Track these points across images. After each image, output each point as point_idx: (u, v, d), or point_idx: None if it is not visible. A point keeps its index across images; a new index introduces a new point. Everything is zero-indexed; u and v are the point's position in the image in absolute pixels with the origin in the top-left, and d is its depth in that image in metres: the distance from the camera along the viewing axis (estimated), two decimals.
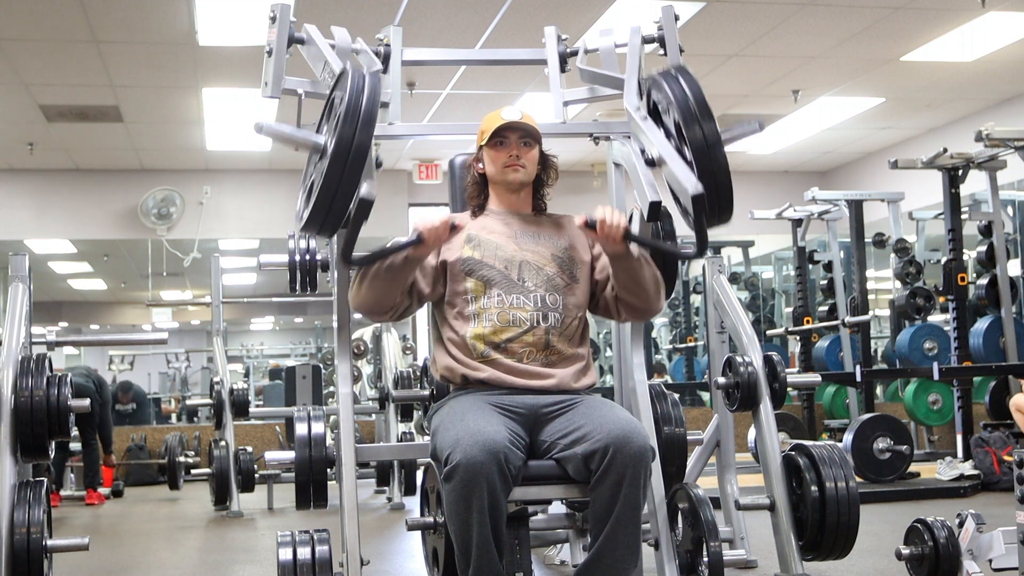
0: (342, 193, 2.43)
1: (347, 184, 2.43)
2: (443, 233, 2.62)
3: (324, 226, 2.52)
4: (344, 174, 2.41)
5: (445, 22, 6.57)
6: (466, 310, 2.73)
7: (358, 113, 2.42)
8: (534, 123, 2.83)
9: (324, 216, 2.48)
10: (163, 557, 5.11)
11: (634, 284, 2.74)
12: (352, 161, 2.41)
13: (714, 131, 2.53)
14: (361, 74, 2.50)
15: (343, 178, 2.42)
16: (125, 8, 6.32)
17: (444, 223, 2.61)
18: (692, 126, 2.53)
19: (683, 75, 2.64)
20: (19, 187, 10.17)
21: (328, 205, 2.45)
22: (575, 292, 2.79)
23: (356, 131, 2.41)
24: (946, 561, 3.18)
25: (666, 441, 3.24)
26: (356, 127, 2.41)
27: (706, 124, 2.53)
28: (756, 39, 7.13)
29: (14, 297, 3.31)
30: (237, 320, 17.43)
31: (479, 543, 2.40)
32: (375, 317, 2.76)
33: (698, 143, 2.52)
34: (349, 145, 2.40)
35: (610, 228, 2.60)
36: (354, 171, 2.42)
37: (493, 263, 2.75)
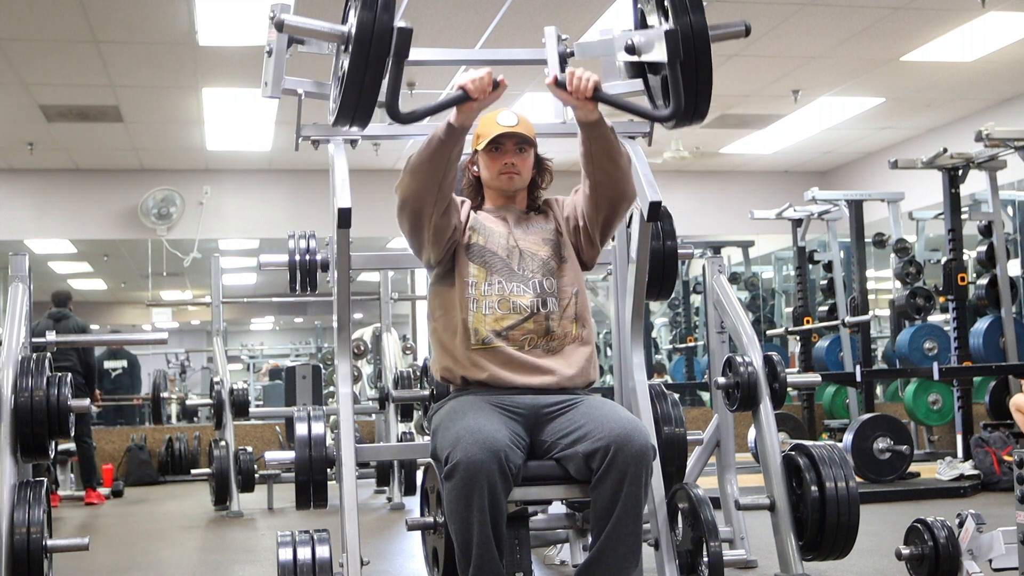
0: (370, 78, 2.39)
1: (374, 68, 2.38)
2: (487, 85, 2.56)
3: (357, 114, 2.47)
4: (369, 57, 2.37)
5: (445, 22, 6.57)
6: (467, 294, 2.74)
7: None
8: (530, 127, 2.83)
9: (355, 103, 2.44)
10: (163, 557, 5.11)
11: (608, 160, 2.67)
12: (376, 44, 2.37)
13: (702, 21, 2.47)
14: None
15: (369, 62, 2.37)
16: (125, 8, 6.32)
17: (488, 75, 2.57)
18: (681, 15, 2.48)
19: None
20: (19, 187, 10.17)
21: (358, 91, 2.41)
22: (566, 271, 2.80)
23: (377, 13, 2.37)
24: (946, 561, 3.18)
25: (666, 441, 3.24)
26: (376, 9, 2.37)
27: (695, 14, 2.47)
28: (756, 39, 7.13)
29: (14, 297, 3.31)
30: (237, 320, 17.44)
31: (479, 542, 2.41)
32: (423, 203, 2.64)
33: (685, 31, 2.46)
34: (371, 28, 2.36)
35: (579, 82, 2.56)
36: (379, 54, 2.37)
37: (496, 250, 2.77)
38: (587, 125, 2.63)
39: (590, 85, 2.55)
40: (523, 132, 2.78)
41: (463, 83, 2.55)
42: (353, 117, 2.49)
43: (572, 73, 2.55)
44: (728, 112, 8.90)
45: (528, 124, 2.82)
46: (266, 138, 9.30)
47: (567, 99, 2.60)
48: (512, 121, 2.78)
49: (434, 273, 2.84)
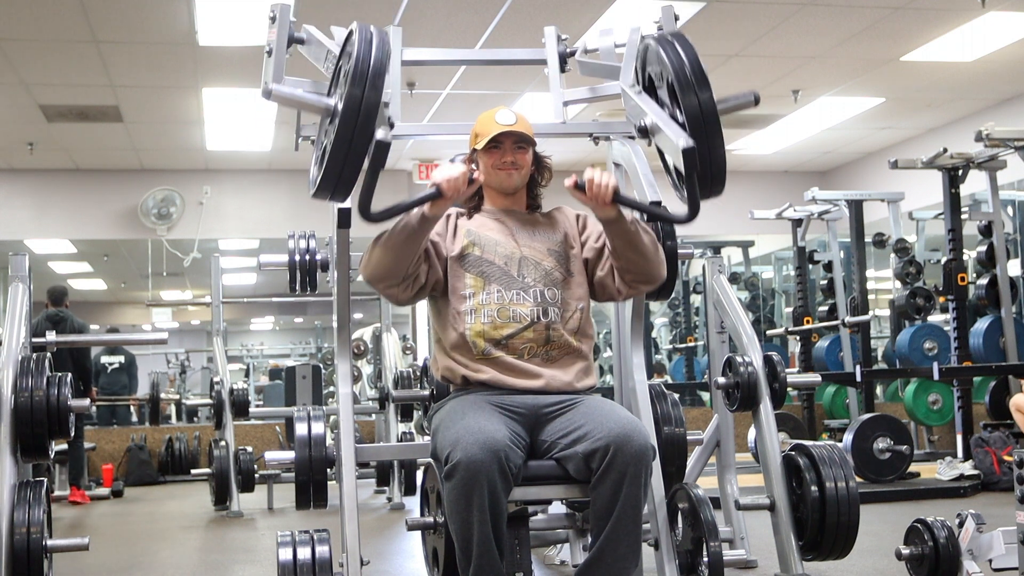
0: (354, 153, 2.38)
1: (358, 144, 2.37)
2: (461, 185, 2.58)
3: (337, 188, 2.46)
4: (355, 133, 2.36)
5: (445, 22, 6.57)
6: (464, 306, 2.73)
7: (367, 70, 2.36)
8: (528, 126, 2.82)
9: (336, 177, 2.42)
10: (163, 557, 5.11)
11: (631, 250, 2.69)
12: (362, 120, 2.35)
13: (710, 100, 2.49)
14: (369, 29, 2.45)
15: (354, 137, 2.36)
16: (125, 8, 6.32)
17: (463, 174, 2.58)
18: (688, 94, 2.50)
19: (679, 41, 2.62)
20: (19, 187, 10.17)
21: (340, 166, 2.40)
22: (572, 285, 2.79)
23: (365, 89, 2.35)
24: (946, 561, 3.18)
25: (666, 441, 3.24)
26: (365, 85, 2.35)
27: (702, 92, 2.49)
28: (756, 39, 7.13)
29: (14, 297, 3.31)
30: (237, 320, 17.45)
31: (480, 542, 2.40)
32: (386, 288, 2.68)
33: (693, 110, 2.48)
34: (359, 103, 2.34)
35: (598, 188, 2.58)
36: (365, 130, 2.36)
37: (493, 259, 2.76)
38: (607, 222, 2.67)
39: (609, 191, 2.58)
40: (521, 130, 2.78)
41: (437, 180, 2.57)
42: (333, 191, 2.48)
43: (591, 180, 2.58)
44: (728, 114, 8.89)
45: (526, 122, 2.82)
46: (266, 138, 9.30)
47: (586, 202, 2.63)
48: (510, 119, 2.77)
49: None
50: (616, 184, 2.59)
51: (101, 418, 10.45)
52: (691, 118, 2.48)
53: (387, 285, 2.68)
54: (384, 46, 2.40)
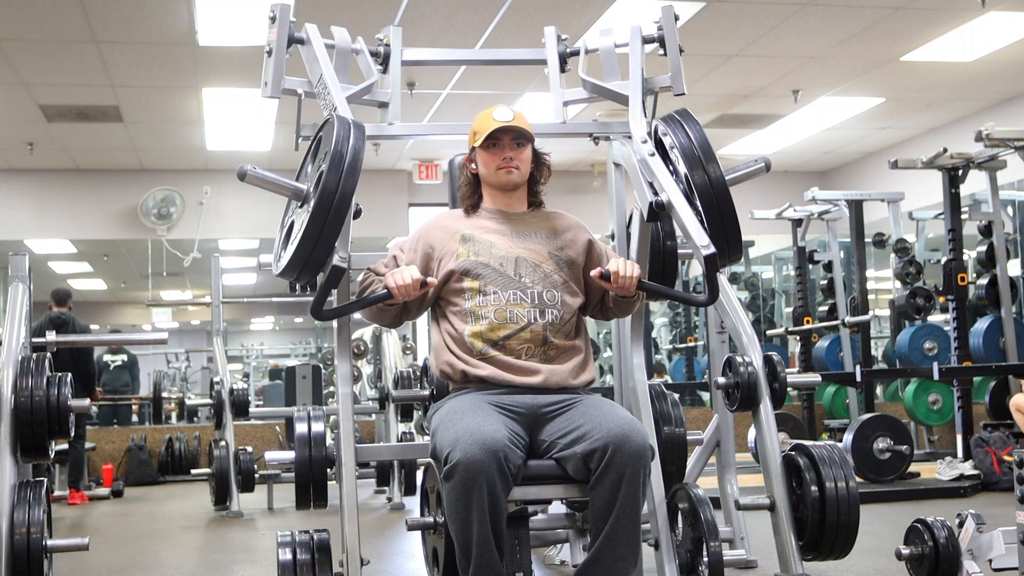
0: (322, 244, 2.47)
1: (327, 236, 2.46)
2: (412, 291, 2.65)
3: (302, 274, 2.57)
4: (325, 226, 2.45)
5: (445, 22, 6.57)
6: (463, 308, 2.73)
7: (342, 164, 2.45)
8: (526, 123, 2.83)
9: (303, 265, 2.52)
10: (163, 557, 5.11)
11: (620, 311, 2.90)
12: (334, 214, 2.44)
13: (719, 174, 2.56)
14: (346, 124, 2.54)
15: (324, 230, 2.45)
16: (125, 8, 6.32)
17: (415, 281, 2.65)
18: (697, 170, 2.56)
19: (686, 119, 2.68)
20: (19, 187, 10.17)
21: (308, 255, 2.49)
22: (571, 289, 2.80)
23: (340, 182, 2.44)
24: (946, 561, 3.18)
25: (666, 441, 3.24)
26: (340, 178, 2.44)
27: (711, 168, 2.56)
28: (756, 39, 7.13)
29: (14, 297, 3.31)
30: (237, 320, 17.43)
31: (479, 542, 2.40)
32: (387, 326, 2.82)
33: (704, 187, 2.56)
34: (332, 196, 2.43)
35: (624, 280, 2.67)
36: (335, 223, 2.45)
37: (488, 261, 2.76)
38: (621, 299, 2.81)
39: (634, 283, 2.69)
40: (520, 126, 2.78)
41: (389, 285, 2.65)
42: (299, 275, 2.57)
43: (616, 272, 2.66)
44: (728, 112, 8.90)
45: (524, 119, 2.82)
46: (266, 138, 9.30)
47: (612, 289, 2.74)
48: (508, 116, 2.78)
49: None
50: (640, 274, 2.71)
51: (101, 418, 10.45)
52: (703, 195, 2.56)
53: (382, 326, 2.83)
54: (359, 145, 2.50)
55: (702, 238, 2.51)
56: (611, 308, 2.87)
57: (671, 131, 2.67)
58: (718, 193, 2.55)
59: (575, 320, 2.80)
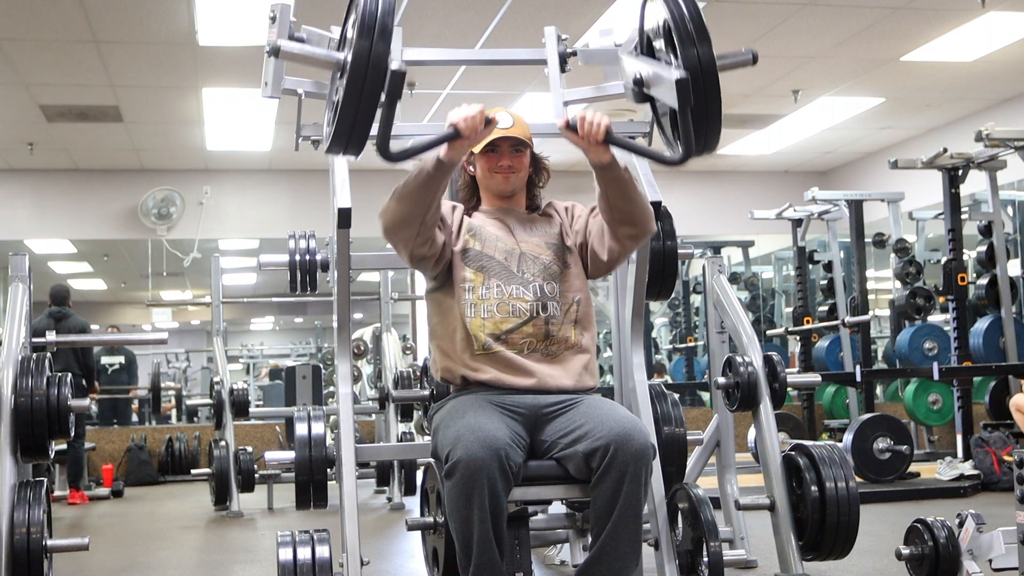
0: (364, 107, 2.36)
1: (368, 97, 2.35)
2: (479, 123, 2.53)
3: (350, 142, 2.45)
4: (364, 87, 2.34)
5: (445, 22, 6.57)
6: (464, 299, 2.73)
7: (373, 24, 2.34)
8: (526, 128, 2.82)
9: (349, 130, 2.41)
10: (163, 557, 5.11)
11: (624, 200, 2.65)
12: (371, 73, 2.33)
13: (709, 54, 2.46)
14: None
15: (363, 91, 2.34)
16: (125, 8, 6.32)
17: (480, 112, 2.52)
18: (687, 47, 2.47)
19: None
20: (19, 187, 10.17)
21: (352, 120, 2.38)
22: (570, 277, 2.79)
23: (372, 43, 2.33)
24: (946, 561, 3.18)
25: (666, 441, 3.24)
26: (373, 39, 2.33)
27: (702, 46, 2.47)
28: (756, 39, 7.13)
29: (14, 297, 3.31)
30: (237, 320, 17.44)
31: (480, 541, 2.40)
32: (402, 239, 2.65)
33: (692, 63, 2.44)
34: (367, 58, 2.33)
35: (591, 126, 2.52)
36: (374, 84, 2.34)
37: (493, 254, 2.76)
38: (600, 168, 2.61)
39: (602, 130, 2.51)
40: (518, 134, 2.78)
41: (455, 120, 2.52)
42: (346, 146, 2.47)
43: (583, 118, 2.51)
44: (728, 112, 8.87)
45: (524, 125, 2.82)
46: (266, 138, 9.30)
47: (578, 142, 2.55)
48: (508, 123, 2.77)
49: (431, 281, 2.83)
50: (609, 123, 2.54)
51: (101, 418, 10.45)
52: (690, 71, 2.44)
53: (403, 236, 2.64)
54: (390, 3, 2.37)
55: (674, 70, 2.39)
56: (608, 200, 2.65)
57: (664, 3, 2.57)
58: (706, 73, 2.45)
59: (577, 309, 2.78)
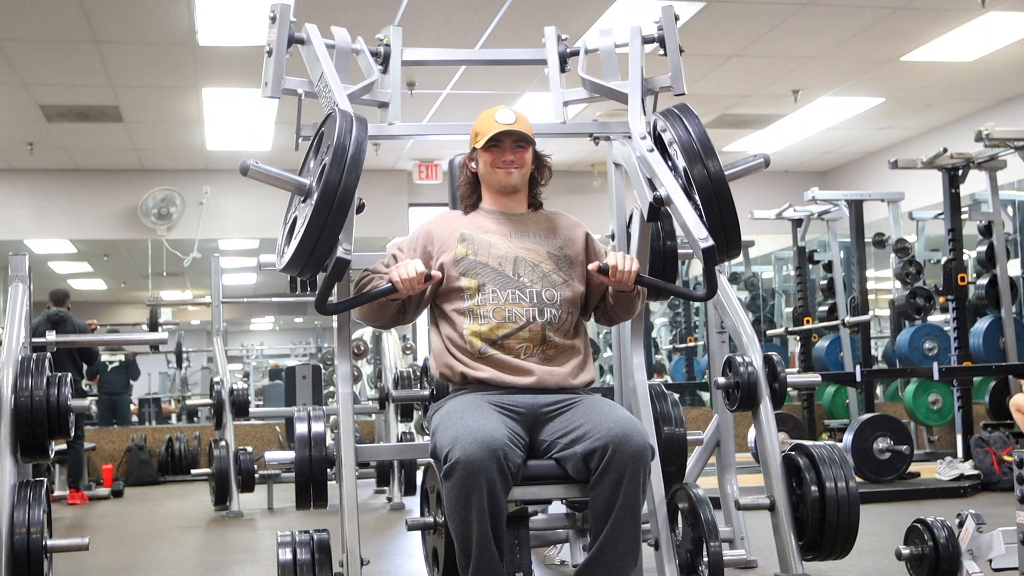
0: (325, 238, 2.47)
1: (331, 229, 2.46)
2: (417, 284, 2.66)
3: (305, 268, 2.56)
4: (328, 220, 2.45)
5: (445, 22, 6.57)
6: (462, 307, 2.74)
7: (344, 159, 2.44)
8: (528, 125, 2.83)
9: (306, 259, 2.52)
10: (163, 557, 5.11)
11: (623, 311, 2.87)
12: (337, 208, 2.44)
13: (718, 168, 2.56)
14: (348, 118, 2.53)
15: (327, 224, 2.45)
16: (125, 8, 6.32)
17: (419, 274, 2.65)
18: (696, 165, 2.56)
19: (685, 114, 2.67)
20: (19, 187, 10.17)
21: (311, 249, 2.49)
22: (570, 289, 2.80)
23: (342, 177, 2.44)
24: (946, 561, 3.18)
25: (666, 441, 3.24)
26: (342, 173, 2.44)
27: (710, 163, 2.55)
28: (756, 39, 7.13)
29: (14, 297, 3.31)
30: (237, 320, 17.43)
31: (479, 541, 2.41)
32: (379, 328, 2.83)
33: (703, 182, 2.55)
34: (335, 192, 2.43)
35: (622, 275, 2.66)
36: (338, 217, 2.45)
37: (487, 260, 2.76)
38: (620, 293, 2.78)
39: (632, 278, 2.69)
40: (521, 130, 2.78)
41: (393, 278, 2.65)
42: (303, 268, 2.56)
43: (615, 267, 2.66)
44: (728, 112, 8.90)
45: (526, 122, 2.82)
46: (266, 138, 9.30)
47: (609, 283, 2.72)
48: (510, 119, 2.78)
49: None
50: (638, 268, 2.70)
51: (101, 418, 10.45)
52: (702, 190, 2.55)
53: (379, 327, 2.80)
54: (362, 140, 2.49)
55: (700, 231, 2.51)
56: (612, 307, 2.85)
57: (670, 125, 2.66)
58: (717, 188, 2.54)
59: (574, 320, 2.80)
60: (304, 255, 2.51)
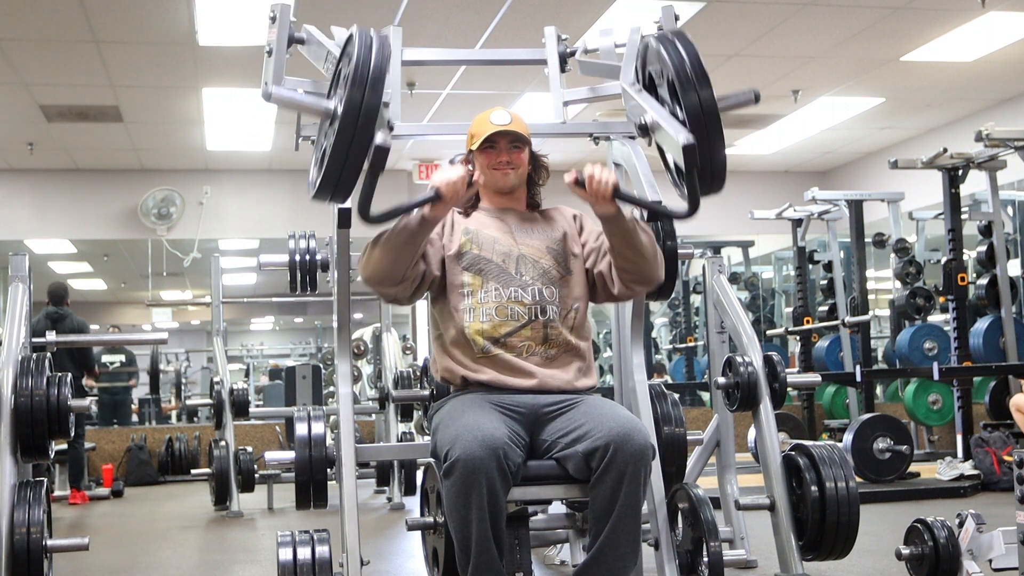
0: (353, 156, 2.39)
1: (358, 147, 2.38)
2: (460, 188, 2.57)
3: (337, 190, 2.48)
4: (354, 137, 2.37)
5: (445, 22, 6.57)
6: (463, 304, 2.73)
7: (367, 74, 2.37)
8: (524, 125, 2.82)
9: (336, 180, 2.44)
10: (163, 557, 5.11)
11: (630, 249, 2.67)
12: (362, 123, 2.36)
13: (710, 97, 2.49)
14: (368, 34, 2.46)
15: (353, 141, 2.37)
16: (125, 8, 6.32)
17: (461, 178, 2.57)
18: (688, 92, 2.49)
19: (680, 39, 2.61)
20: (19, 187, 10.17)
21: (340, 168, 2.41)
22: (570, 284, 2.79)
23: (365, 92, 2.36)
24: (946, 561, 3.18)
25: (666, 441, 3.24)
26: (365, 88, 2.36)
27: (703, 90, 2.49)
28: (756, 39, 7.13)
29: (14, 297, 3.31)
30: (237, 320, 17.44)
31: (479, 540, 2.40)
32: (385, 289, 2.68)
33: (693, 108, 2.48)
34: (359, 107, 2.35)
35: (599, 184, 2.56)
36: (364, 133, 2.37)
37: (491, 257, 2.76)
38: (605, 219, 2.65)
39: (609, 187, 2.55)
40: (516, 130, 2.78)
41: (436, 183, 2.55)
42: (333, 194, 2.50)
43: (591, 176, 2.55)
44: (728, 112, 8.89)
45: (522, 122, 2.82)
46: (266, 138, 9.30)
47: (585, 198, 2.61)
48: (505, 120, 2.78)
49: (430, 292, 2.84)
50: (616, 180, 2.58)
51: (101, 418, 10.45)
52: (692, 116, 2.48)
53: (385, 286, 2.67)
54: (384, 50, 2.41)
55: (681, 132, 2.42)
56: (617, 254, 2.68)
57: (664, 49, 2.60)
58: (708, 118, 2.48)
59: (576, 317, 2.78)
60: (334, 176, 2.43)
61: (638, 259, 2.69)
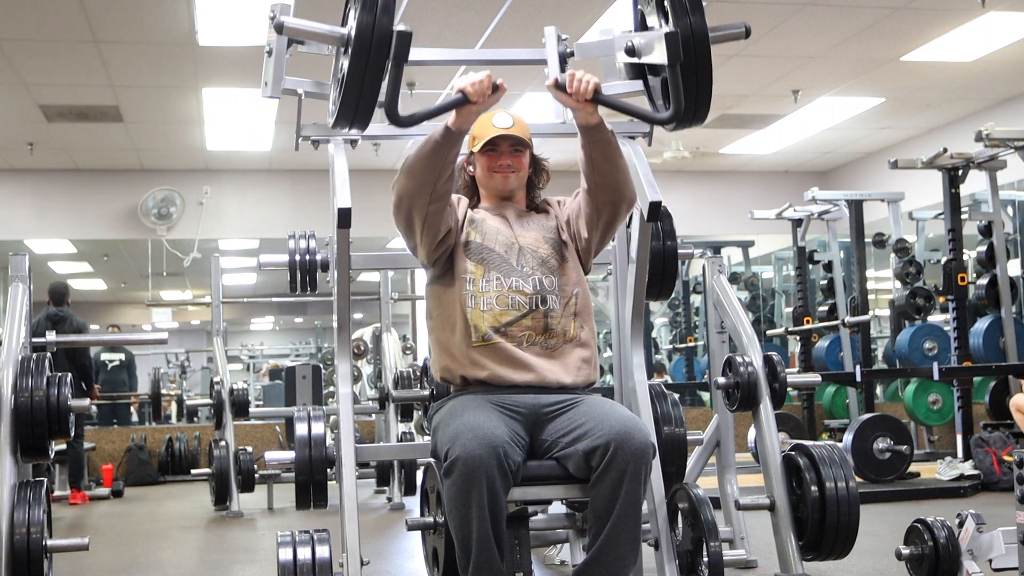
0: (369, 80, 2.40)
1: (373, 70, 2.39)
2: (487, 88, 2.56)
3: (356, 116, 2.48)
4: (369, 59, 2.38)
5: (445, 22, 6.57)
6: (465, 291, 2.74)
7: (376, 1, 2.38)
8: (526, 129, 2.83)
9: (355, 105, 2.44)
10: (163, 557, 5.11)
11: (606, 161, 2.66)
12: (375, 46, 2.37)
13: (702, 22, 2.47)
14: None
15: (368, 64, 2.38)
16: (125, 8, 6.32)
17: (487, 77, 2.57)
18: (680, 16, 2.48)
19: None
20: (19, 187, 10.17)
21: (358, 93, 2.42)
22: (567, 271, 2.80)
23: (376, 15, 2.37)
24: (946, 561, 3.18)
25: (666, 441, 3.24)
26: (376, 11, 2.37)
27: (696, 17, 2.47)
28: (756, 39, 7.13)
29: (14, 297, 3.31)
30: (237, 320, 17.44)
31: (479, 539, 2.41)
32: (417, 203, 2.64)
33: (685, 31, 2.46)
34: (371, 30, 2.36)
35: (579, 83, 2.55)
36: (379, 56, 2.38)
37: (493, 246, 2.77)
38: (587, 128, 2.63)
39: (590, 87, 2.54)
40: (518, 134, 2.79)
41: (462, 86, 2.55)
42: (352, 119, 2.49)
43: (572, 75, 2.55)
44: (728, 112, 8.90)
45: (523, 125, 2.82)
46: (266, 138, 9.30)
47: (567, 101, 2.60)
48: (507, 123, 2.78)
49: (431, 272, 2.84)
50: (598, 82, 2.56)
51: (101, 418, 10.45)
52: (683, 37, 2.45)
53: (413, 205, 2.65)
54: None
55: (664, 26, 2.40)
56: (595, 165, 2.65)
57: None
58: (698, 45, 2.47)
59: (577, 302, 2.79)
60: (352, 103, 2.44)
61: (614, 171, 2.68)
